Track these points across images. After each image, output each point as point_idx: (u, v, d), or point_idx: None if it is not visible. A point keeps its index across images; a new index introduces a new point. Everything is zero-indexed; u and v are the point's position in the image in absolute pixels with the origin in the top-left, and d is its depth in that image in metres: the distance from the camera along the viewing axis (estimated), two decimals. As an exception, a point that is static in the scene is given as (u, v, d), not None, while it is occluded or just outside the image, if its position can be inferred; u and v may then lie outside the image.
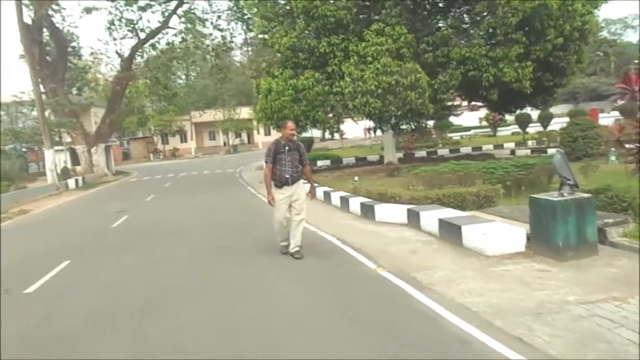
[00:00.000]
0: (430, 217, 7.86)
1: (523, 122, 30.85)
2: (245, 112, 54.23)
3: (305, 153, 7.06)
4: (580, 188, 8.34)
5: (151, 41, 32.15)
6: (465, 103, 26.93)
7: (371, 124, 18.15)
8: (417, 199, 9.05)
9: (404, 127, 16.07)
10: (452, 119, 36.55)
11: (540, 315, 4.33)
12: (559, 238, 5.83)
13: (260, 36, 18.43)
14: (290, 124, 6.95)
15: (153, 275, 6.74)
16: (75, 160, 31.66)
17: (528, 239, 6.42)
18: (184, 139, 58.32)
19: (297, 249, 6.88)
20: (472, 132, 44.99)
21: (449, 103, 19.33)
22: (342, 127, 17.53)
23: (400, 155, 20.85)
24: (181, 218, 11.82)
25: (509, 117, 37.74)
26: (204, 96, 60.26)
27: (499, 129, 37.80)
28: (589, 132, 15.24)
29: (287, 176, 6.67)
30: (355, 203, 10.27)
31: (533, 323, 4.18)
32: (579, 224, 5.86)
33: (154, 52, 33.59)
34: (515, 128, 39.68)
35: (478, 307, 4.64)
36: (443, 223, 7.38)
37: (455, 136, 40.32)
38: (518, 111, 22.46)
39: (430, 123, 26.73)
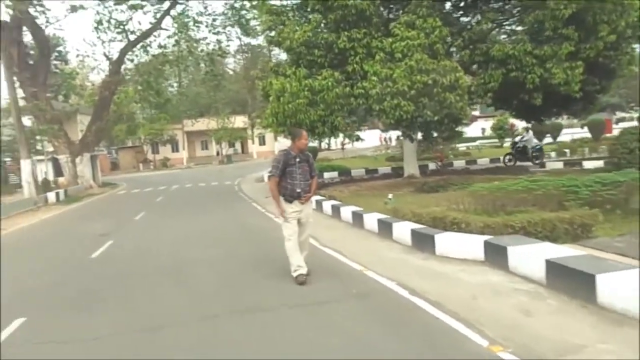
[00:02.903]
0: (526, 255, 5.73)
1: (540, 132, 28.91)
2: (239, 121, 52.19)
3: (314, 164, 6.48)
4: None
5: (142, 43, 29.89)
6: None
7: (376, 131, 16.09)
8: (493, 227, 6.91)
9: (439, 134, 13.95)
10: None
11: None
12: None
13: (266, 33, 16.26)
14: (306, 134, 6.40)
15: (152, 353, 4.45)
16: (58, 171, 29.20)
17: None
18: (175, 149, 55.93)
19: None
20: (477, 142, 43.15)
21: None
22: (361, 134, 15.33)
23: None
24: (178, 247, 9.47)
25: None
26: (197, 104, 58.06)
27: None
28: (647, 143, 13.22)
29: (299, 190, 6.08)
30: (401, 229, 8.09)
31: None
32: None
33: (145, 56, 31.35)
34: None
35: None
36: (556, 267, 5.24)
37: (461, 147, 38.37)
38: (553, 119, 20.52)
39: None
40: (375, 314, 5.03)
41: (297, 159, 6.10)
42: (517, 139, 21.39)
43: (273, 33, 15.73)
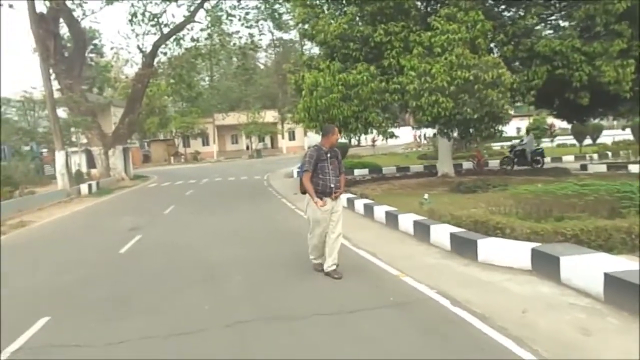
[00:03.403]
0: (581, 267, 5.25)
1: (580, 132, 27.75)
2: (269, 116, 52.26)
3: (342, 160, 6.52)
4: None
5: (175, 36, 30.02)
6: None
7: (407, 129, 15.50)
8: (541, 234, 6.42)
9: (478, 133, 13.33)
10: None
11: None
12: None
13: (299, 26, 15.93)
14: (337, 130, 6.49)
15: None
16: (91, 162, 29.64)
17: None
18: (206, 142, 56.39)
19: (334, 267, 6.24)
20: (512, 142, 41.86)
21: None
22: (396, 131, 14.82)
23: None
24: (206, 244, 9.24)
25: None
26: (228, 98, 58.49)
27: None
28: None
29: (332, 185, 6.14)
30: (440, 232, 7.66)
31: None
32: None
33: (177, 49, 31.51)
34: (560, 140, 36.53)
35: None
36: (617, 281, 4.74)
37: (496, 146, 37.31)
38: (598, 120, 19.61)
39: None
40: (415, 325, 4.64)
41: (328, 155, 6.17)
42: (516, 142, 21.14)
43: (307, 26, 15.35)
